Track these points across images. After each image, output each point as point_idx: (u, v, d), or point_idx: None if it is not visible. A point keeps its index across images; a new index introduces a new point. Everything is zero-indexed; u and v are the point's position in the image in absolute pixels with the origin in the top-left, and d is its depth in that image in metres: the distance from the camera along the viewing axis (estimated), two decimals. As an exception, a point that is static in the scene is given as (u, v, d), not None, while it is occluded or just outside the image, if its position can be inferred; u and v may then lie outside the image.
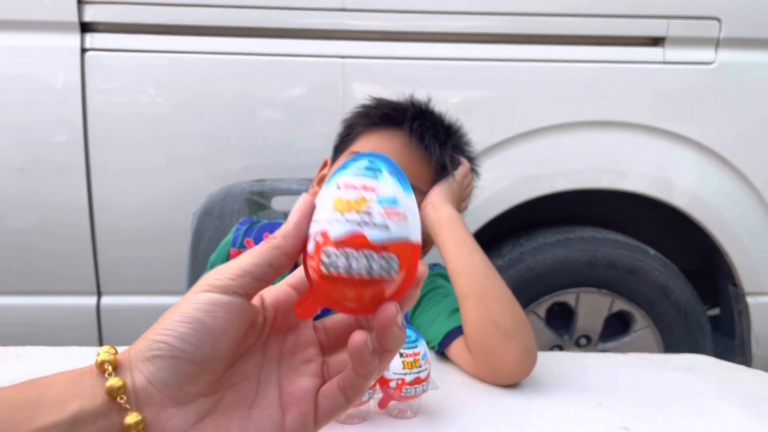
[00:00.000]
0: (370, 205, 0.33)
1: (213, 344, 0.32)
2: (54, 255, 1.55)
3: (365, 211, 0.32)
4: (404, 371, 0.70)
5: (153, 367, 0.31)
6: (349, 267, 0.32)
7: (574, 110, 1.60)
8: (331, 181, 0.34)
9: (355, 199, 0.33)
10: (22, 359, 0.87)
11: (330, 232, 0.33)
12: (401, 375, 0.70)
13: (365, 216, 0.32)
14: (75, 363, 0.37)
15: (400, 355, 0.70)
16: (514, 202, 1.60)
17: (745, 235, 1.68)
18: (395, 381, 0.70)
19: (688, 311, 1.67)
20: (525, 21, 1.56)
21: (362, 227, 0.32)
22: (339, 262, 0.32)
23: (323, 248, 0.33)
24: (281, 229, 0.34)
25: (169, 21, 1.48)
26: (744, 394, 0.85)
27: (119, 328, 1.60)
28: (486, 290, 0.85)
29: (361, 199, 0.33)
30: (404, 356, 0.70)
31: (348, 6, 1.50)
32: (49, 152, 1.50)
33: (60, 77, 1.47)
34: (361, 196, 0.33)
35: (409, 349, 0.71)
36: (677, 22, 1.58)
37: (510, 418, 0.75)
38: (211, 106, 1.52)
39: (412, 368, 0.70)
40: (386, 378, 0.70)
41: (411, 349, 0.71)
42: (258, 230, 1.06)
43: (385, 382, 0.70)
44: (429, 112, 1.00)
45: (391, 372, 0.70)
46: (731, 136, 1.64)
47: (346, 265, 0.32)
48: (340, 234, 0.32)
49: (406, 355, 0.70)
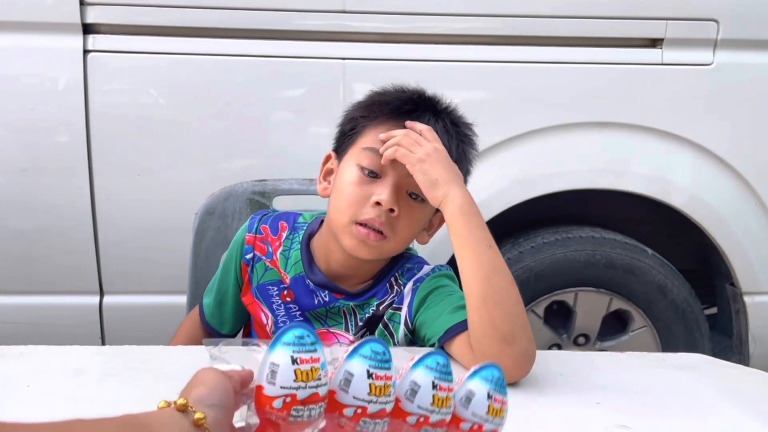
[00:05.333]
0: (320, 372, 0.49)
1: (233, 404, 0.49)
2: (56, 255, 1.56)
3: (318, 378, 0.49)
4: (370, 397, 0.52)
5: (213, 412, 0.46)
6: (309, 415, 0.49)
7: (572, 111, 1.61)
8: (282, 350, 0.49)
9: (311, 370, 0.49)
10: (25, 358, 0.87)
11: (299, 396, 0.48)
12: (363, 402, 0.52)
13: (318, 381, 0.49)
14: (77, 362, 0.39)
15: (368, 376, 0.52)
16: (513, 202, 1.61)
17: (743, 234, 1.69)
18: (352, 408, 0.52)
19: (685, 310, 1.68)
20: (524, 23, 1.56)
21: (318, 389, 0.49)
22: (304, 414, 0.49)
23: (294, 406, 0.48)
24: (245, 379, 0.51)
25: (170, 23, 1.48)
26: (741, 393, 0.85)
27: (121, 328, 1.60)
28: (487, 293, 0.84)
29: (314, 369, 0.49)
30: (373, 378, 0.52)
31: (348, 8, 1.51)
32: (52, 153, 1.51)
33: (62, 78, 1.48)
34: (313, 367, 0.49)
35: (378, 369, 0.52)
36: (675, 24, 1.59)
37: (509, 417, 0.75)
38: (213, 107, 1.53)
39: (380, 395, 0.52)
40: (341, 403, 0.52)
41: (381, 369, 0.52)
42: (273, 219, 1.06)
43: (338, 407, 0.52)
44: (437, 102, 0.99)
45: (350, 396, 0.52)
46: (729, 136, 1.65)
47: (309, 414, 0.49)
48: (305, 396, 0.49)
49: (375, 376, 0.52)
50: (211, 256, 1.25)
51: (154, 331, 1.52)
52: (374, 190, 0.91)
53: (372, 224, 0.90)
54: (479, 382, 0.58)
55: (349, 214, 0.91)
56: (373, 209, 0.90)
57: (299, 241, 1.03)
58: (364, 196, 0.91)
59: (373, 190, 0.91)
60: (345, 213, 0.92)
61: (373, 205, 0.90)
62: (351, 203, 0.92)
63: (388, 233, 0.91)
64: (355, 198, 0.92)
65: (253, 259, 1.03)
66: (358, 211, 0.91)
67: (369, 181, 0.92)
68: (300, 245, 1.02)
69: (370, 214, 0.90)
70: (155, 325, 1.53)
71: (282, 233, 1.04)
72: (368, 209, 0.91)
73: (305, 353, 0.49)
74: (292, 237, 1.04)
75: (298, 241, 1.03)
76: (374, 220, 0.90)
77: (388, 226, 0.91)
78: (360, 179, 0.92)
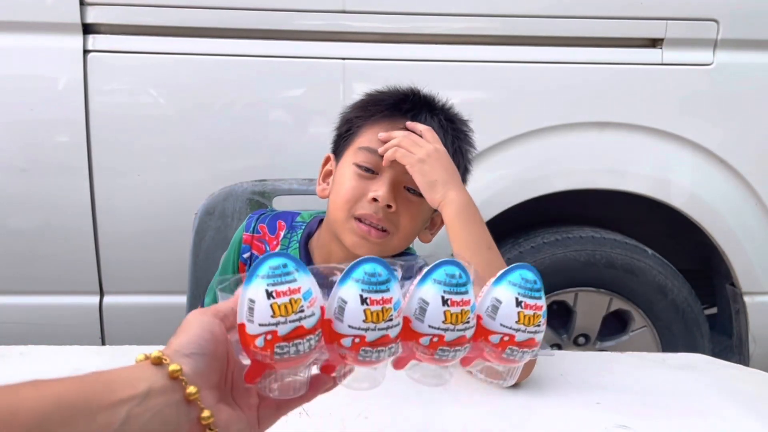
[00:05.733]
0: (302, 303, 0.45)
1: (218, 347, 0.47)
2: (56, 255, 1.56)
3: (299, 309, 0.45)
4: (445, 326, 0.49)
5: (192, 361, 0.44)
6: (297, 351, 0.46)
7: (573, 111, 1.61)
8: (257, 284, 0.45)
9: (289, 302, 0.45)
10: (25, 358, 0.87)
11: (279, 332, 0.45)
12: (438, 331, 0.49)
13: (300, 313, 0.45)
14: (77, 362, 0.40)
15: (444, 303, 0.49)
16: (514, 202, 1.61)
17: (743, 235, 1.69)
18: (428, 337, 0.49)
19: (685, 310, 1.68)
20: (524, 23, 1.56)
21: (301, 321, 0.45)
22: (291, 350, 0.45)
23: (276, 344, 0.45)
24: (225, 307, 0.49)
25: (170, 23, 1.48)
26: (741, 393, 0.85)
27: (121, 327, 1.60)
28: None
29: (294, 301, 0.45)
30: (449, 304, 0.49)
31: (348, 8, 1.51)
32: (52, 153, 1.51)
33: (62, 78, 1.48)
34: (292, 299, 0.45)
35: (455, 294, 0.49)
36: (675, 24, 1.59)
37: (509, 417, 0.76)
38: (213, 107, 1.53)
39: (457, 323, 0.49)
40: (416, 331, 0.49)
41: (458, 294, 0.49)
42: (271, 218, 1.06)
43: (414, 336, 0.49)
44: (431, 100, 1.00)
45: (425, 324, 0.49)
46: (729, 136, 1.65)
47: (296, 350, 0.46)
48: (287, 331, 0.45)
49: (451, 303, 0.49)
50: (211, 256, 1.25)
51: (154, 331, 1.53)
52: (371, 186, 0.92)
53: (370, 220, 0.91)
54: (506, 289, 0.52)
55: (346, 209, 0.92)
56: (369, 205, 0.91)
57: (297, 240, 1.03)
58: (361, 192, 0.92)
59: (370, 186, 0.92)
60: (342, 208, 0.92)
61: (370, 201, 0.91)
62: (348, 199, 0.92)
63: (390, 229, 0.92)
64: (351, 194, 0.92)
65: (250, 258, 1.04)
66: (354, 206, 0.92)
67: (366, 178, 0.93)
68: (298, 244, 1.03)
69: (366, 209, 0.91)
70: (155, 325, 1.53)
71: (280, 232, 1.05)
72: (365, 204, 0.91)
73: (281, 285, 0.45)
74: (290, 236, 1.04)
75: (296, 240, 1.03)
76: (371, 216, 0.91)
77: (389, 222, 0.91)
78: (357, 176, 0.93)
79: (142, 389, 0.41)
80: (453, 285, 0.49)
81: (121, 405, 0.40)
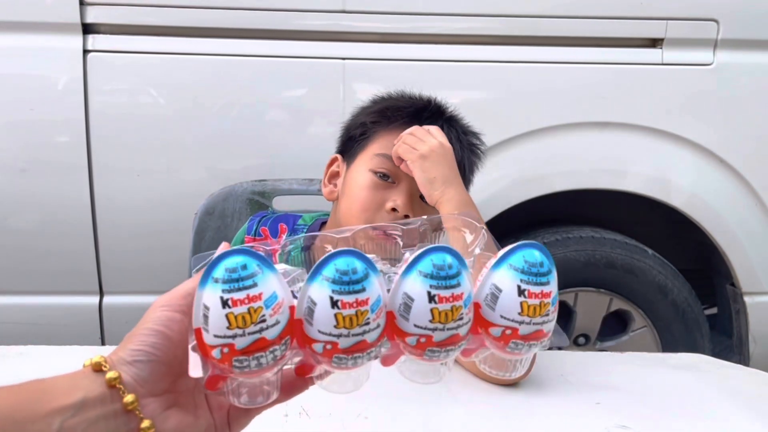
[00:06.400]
0: (263, 312, 0.39)
1: (173, 350, 0.43)
2: (56, 254, 1.56)
3: (260, 319, 0.39)
4: (432, 325, 0.42)
5: (135, 369, 0.41)
6: (259, 364, 0.40)
7: (573, 111, 1.61)
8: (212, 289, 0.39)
9: (248, 312, 0.38)
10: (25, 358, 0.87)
11: (237, 345, 0.39)
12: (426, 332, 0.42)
13: (261, 324, 0.39)
14: (77, 362, 0.40)
15: (430, 299, 0.42)
16: (513, 202, 1.61)
17: (743, 235, 1.69)
18: (415, 338, 0.43)
19: (686, 310, 1.68)
20: (524, 23, 1.56)
21: (262, 333, 0.39)
22: (251, 364, 0.40)
23: (234, 357, 0.39)
24: None
25: (170, 23, 1.48)
26: (741, 393, 0.85)
27: (121, 327, 1.60)
28: None
29: (253, 310, 0.38)
30: (436, 300, 0.42)
31: (348, 8, 1.51)
32: (52, 152, 1.51)
33: (62, 78, 1.48)
34: (252, 308, 0.38)
35: (443, 288, 0.42)
36: (676, 24, 1.59)
37: (509, 417, 0.75)
38: (213, 107, 1.53)
39: (447, 321, 0.42)
40: (401, 330, 0.43)
41: (446, 289, 0.42)
42: (273, 221, 1.06)
43: (400, 334, 0.43)
44: (446, 109, 0.99)
45: (410, 323, 0.42)
46: (729, 136, 1.65)
47: (257, 363, 0.40)
48: (245, 344, 0.39)
49: (439, 299, 0.42)
50: (210, 256, 1.25)
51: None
52: (388, 195, 0.91)
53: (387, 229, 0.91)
54: (506, 274, 0.44)
55: (363, 219, 0.91)
56: (388, 215, 0.90)
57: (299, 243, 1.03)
58: (378, 202, 0.91)
59: (387, 195, 0.92)
60: (358, 217, 0.92)
61: (389, 211, 0.90)
62: (365, 208, 0.92)
63: None
64: (369, 203, 0.92)
65: None
66: (372, 217, 0.91)
67: (383, 186, 0.92)
68: (300, 248, 1.02)
69: (385, 219, 0.90)
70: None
71: (282, 235, 1.04)
72: (383, 214, 0.91)
73: (238, 291, 0.38)
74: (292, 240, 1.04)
75: (298, 243, 1.03)
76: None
77: None
78: (374, 184, 0.92)
79: (77, 399, 0.39)
80: (441, 278, 0.42)
81: (54, 415, 0.38)
